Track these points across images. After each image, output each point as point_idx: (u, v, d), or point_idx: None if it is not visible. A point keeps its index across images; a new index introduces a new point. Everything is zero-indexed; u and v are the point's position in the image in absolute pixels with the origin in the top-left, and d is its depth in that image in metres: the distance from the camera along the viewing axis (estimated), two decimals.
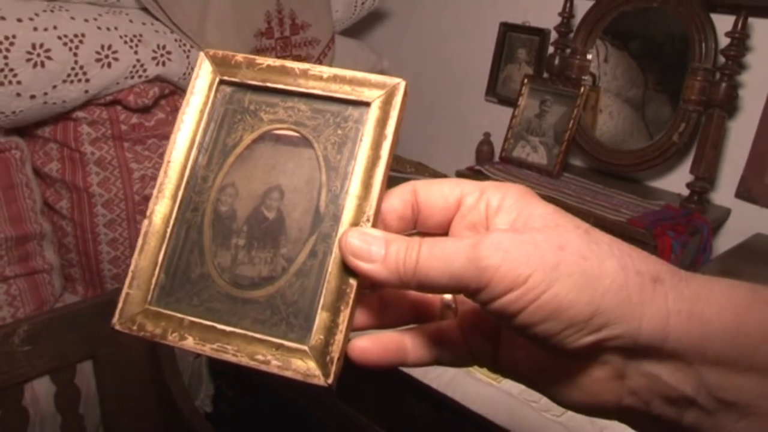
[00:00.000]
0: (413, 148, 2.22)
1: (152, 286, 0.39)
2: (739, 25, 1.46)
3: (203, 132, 0.41)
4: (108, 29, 1.44)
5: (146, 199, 1.56)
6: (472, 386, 1.03)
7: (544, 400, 1.00)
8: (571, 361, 0.34)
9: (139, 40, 1.47)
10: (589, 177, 1.77)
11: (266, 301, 0.38)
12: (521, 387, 1.00)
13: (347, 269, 0.37)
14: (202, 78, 0.42)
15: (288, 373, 0.36)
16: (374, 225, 0.37)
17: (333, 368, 0.36)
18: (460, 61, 2.16)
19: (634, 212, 1.51)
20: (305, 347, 0.36)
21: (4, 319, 1.38)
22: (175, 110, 1.59)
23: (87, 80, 1.40)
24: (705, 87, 1.52)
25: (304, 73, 0.40)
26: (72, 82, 1.38)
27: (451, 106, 2.20)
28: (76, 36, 1.37)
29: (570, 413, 0.97)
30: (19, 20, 1.30)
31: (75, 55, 1.37)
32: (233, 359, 0.37)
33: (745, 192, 1.59)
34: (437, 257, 0.34)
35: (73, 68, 1.37)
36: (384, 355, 0.38)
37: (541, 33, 1.92)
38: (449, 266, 0.33)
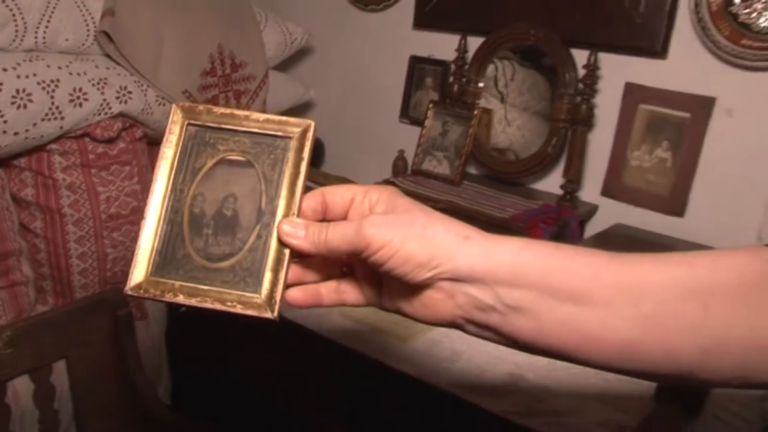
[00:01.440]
0: (339, 165, 2.24)
1: (150, 264, 0.48)
2: (592, 59, 1.60)
3: (179, 159, 0.50)
4: (78, 74, 1.47)
5: (111, 217, 1.56)
6: (392, 349, 1.12)
7: (444, 354, 1.10)
8: (420, 290, 0.46)
9: (105, 83, 1.51)
10: (484, 183, 1.86)
11: (230, 269, 0.47)
12: (427, 344, 1.13)
13: (282, 245, 0.47)
14: (175, 122, 0.50)
15: (249, 312, 0.46)
16: (298, 216, 0.48)
17: (276, 307, 0.46)
18: (377, 89, 2.19)
19: (517, 210, 1.60)
20: (258, 296, 0.46)
21: None
22: (134, 140, 1.62)
23: (62, 118, 1.43)
24: (570, 108, 1.65)
25: (247, 117, 0.50)
26: (49, 120, 1.41)
27: (371, 128, 2.23)
28: (52, 81, 1.41)
29: (462, 362, 1.08)
30: (5, 69, 1.34)
31: (52, 97, 1.40)
32: (211, 306, 0.47)
33: (607, 190, 1.72)
34: (338, 233, 0.46)
35: (50, 108, 1.40)
36: (308, 299, 0.50)
37: (444, 64, 1.98)
38: (345, 238, 0.45)
